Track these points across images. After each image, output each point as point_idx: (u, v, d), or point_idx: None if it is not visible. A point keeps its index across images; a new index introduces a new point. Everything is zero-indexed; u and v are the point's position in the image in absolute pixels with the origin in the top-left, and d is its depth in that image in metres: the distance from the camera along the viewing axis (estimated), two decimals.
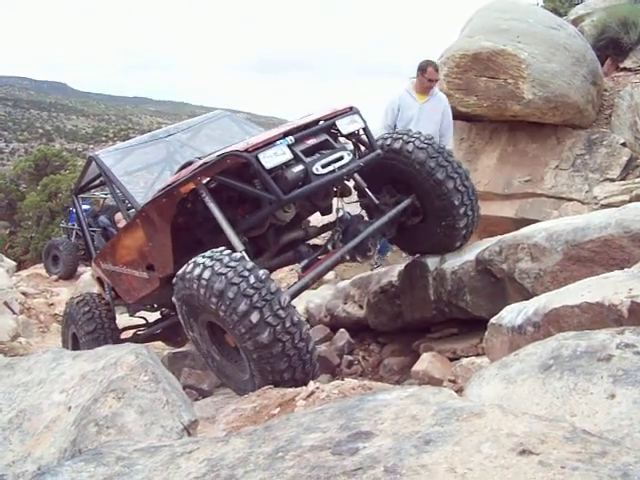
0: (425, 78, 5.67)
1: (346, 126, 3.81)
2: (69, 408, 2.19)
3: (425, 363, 3.81)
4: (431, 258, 4.33)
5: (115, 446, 1.62)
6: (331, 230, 4.20)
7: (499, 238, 3.90)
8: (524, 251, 3.57)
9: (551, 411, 1.53)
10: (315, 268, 3.68)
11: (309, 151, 3.54)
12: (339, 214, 4.08)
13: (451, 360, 3.93)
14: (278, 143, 3.41)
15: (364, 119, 3.92)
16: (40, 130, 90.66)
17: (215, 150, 4.00)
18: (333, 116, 3.80)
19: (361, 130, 3.91)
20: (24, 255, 19.75)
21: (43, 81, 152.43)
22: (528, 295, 3.25)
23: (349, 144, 3.98)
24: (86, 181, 5.62)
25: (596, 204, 6.00)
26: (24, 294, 10.17)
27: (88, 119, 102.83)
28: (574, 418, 1.47)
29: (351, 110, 3.89)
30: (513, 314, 2.54)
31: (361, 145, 3.99)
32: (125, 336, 5.37)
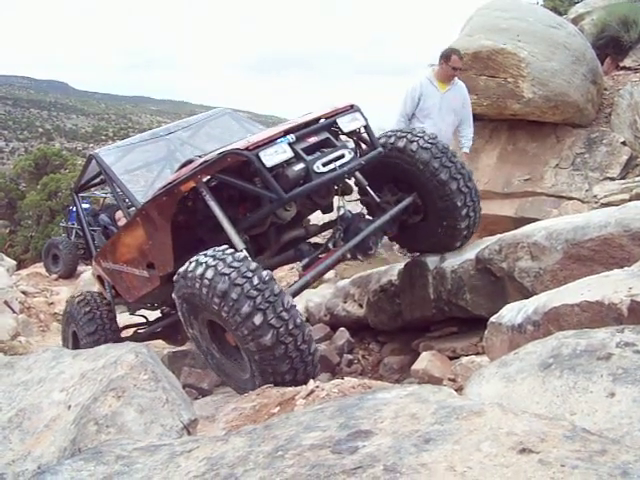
0: (449, 66, 5.48)
1: (347, 124, 3.79)
2: (69, 407, 2.19)
3: (425, 362, 3.81)
4: (431, 257, 4.32)
5: (115, 445, 1.62)
6: (332, 228, 4.19)
7: (499, 237, 3.90)
8: (524, 250, 3.57)
9: (551, 410, 1.53)
10: (316, 267, 3.67)
11: (310, 149, 3.53)
12: (340, 212, 4.07)
13: (451, 359, 3.93)
14: (279, 141, 3.39)
15: (365, 117, 3.91)
16: (40, 129, 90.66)
17: (216, 148, 3.99)
18: (334, 114, 3.78)
19: (362, 128, 3.89)
20: (24, 254, 19.77)
21: (43, 80, 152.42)
22: (528, 294, 3.25)
23: (350, 142, 3.97)
24: (86, 179, 5.60)
25: (596, 203, 6.00)
26: (24, 293, 10.17)
27: (88, 118, 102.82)
28: (574, 417, 1.47)
29: (352, 108, 3.87)
30: (513, 313, 2.54)
31: (362, 143, 3.98)
32: (125, 334, 5.37)
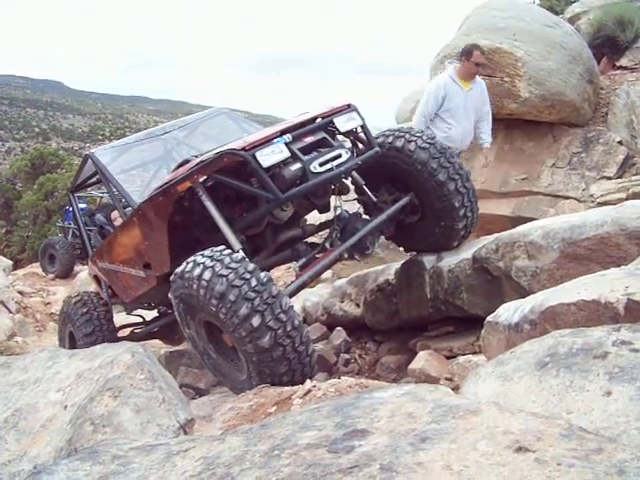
0: (472, 63, 5.28)
1: (344, 124, 3.79)
2: (65, 407, 2.18)
3: (422, 361, 3.81)
4: (428, 256, 4.32)
5: (111, 445, 1.62)
6: (329, 228, 4.19)
7: (496, 236, 3.90)
8: (521, 249, 3.58)
9: (547, 408, 1.53)
10: (313, 266, 3.66)
11: (307, 149, 3.52)
12: (337, 212, 4.07)
13: (448, 358, 3.93)
14: (275, 141, 3.39)
15: (362, 116, 3.90)
16: (36, 129, 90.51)
17: (212, 148, 3.99)
18: (331, 114, 3.77)
19: (359, 128, 3.89)
20: (20, 254, 19.73)
21: (39, 80, 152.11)
22: (525, 293, 3.26)
23: (347, 142, 3.96)
24: (82, 179, 5.59)
25: (592, 202, 6.01)
26: (20, 293, 10.14)
27: (84, 118, 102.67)
28: (570, 415, 1.47)
29: (349, 107, 3.87)
30: (510, 312, 2.54)
31: (359, 143, 3.97)
32: (122, 334, 5.36)
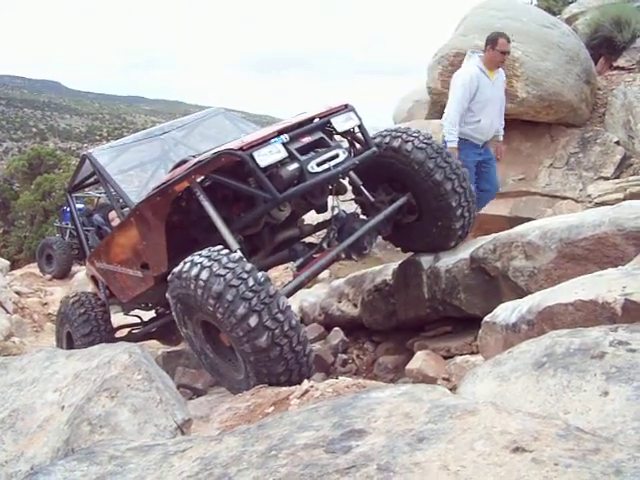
0: (497, 51, 5.13)
1: (341, 124, 3.79)
2: (62, 407, 2.18)
3: (419, 361, 3.81)
4: (425, 256, 4.32)
5: (108, 445, 1.61)
6: (326, 228, 4.19)
7: (493, 236, 3.91)
8: (518, 249, 3.58)
9: (544, 408, 1.53)
10: (310, 267, 3.66)
11: (304, 149, 3.52)
12: (334, 212, 4.07)
13: (445, 358, 3.93)
14: (273, 141, 3.39)
15: (359, 116, 3.90)
16: (34, 129, 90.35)
17: (209, 148, 3.98)
18: (328, 114, 3.77)
19: (356, 128, 3.89)
20: (18, 254, 19.71)
21: (37, 80, 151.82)
22: (522, 293, 3.26)
23: (344, 142, 3.96)
24: (80, 179, 5.58)
25: (590, 202, 6.02)
26: (18, 293, 10.12)
27: (82, 118, 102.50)
28: (567, 415, 1.47)
29: (346, 108, 3.87)
30: (507, 312, 2.55)
31: (356, 143, 3.97)
32: (120, 335, 5.35)
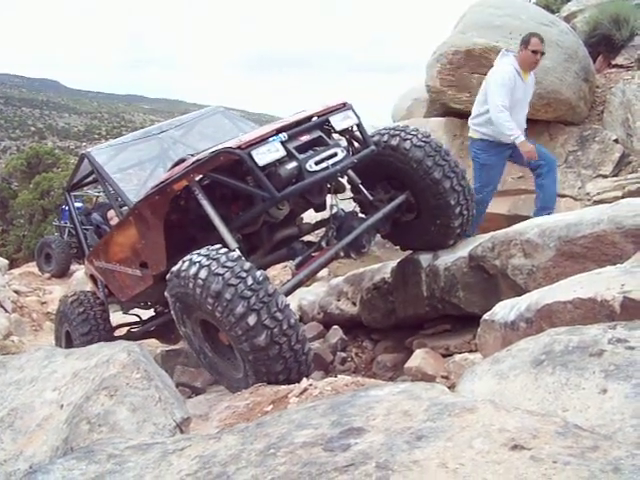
0: (529, 50, 5.08)
1: (339, 122, 3.78)
2: (61, 406, 2.18)
3: (418, 359, 3.81)
4: (424, 255, 4.32)
5: (107, 444, 1.61)
6: (325, 227, 4.19)
7: (492, 234, 3.90)
8: (517, 247, 3.58)
9: (543, 406, 1.53)
10: (309, 265, 3.66)
11: (302, 148, 3.52)
12: (333, 211, 4.07)
13: (444, 356, 3.93)
14: (271, 140, 3.38)
15: (358, 115, 3.90)
16: (32, 128, 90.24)
17: (208, 147, 3.98)
18: (326, 112, 3.76)
19: (355, 126, 3.88)
20: (16, 253, 19.70)
21: (35, 78, 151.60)
22: (521, 291, 3.26)
23: (343, 140, 3.96)
24: (78, 178, 5.58)
25: (589, 200, 6.01)
26: (16, 292, 10.13)
27: (80, 117, 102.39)
28: (566, 413, 1.47)
29: (344, 106, 3.86)
30: (506, 310, 2.55)
31: (355, 141, 3.97)
32: (119, 333, 5.35)
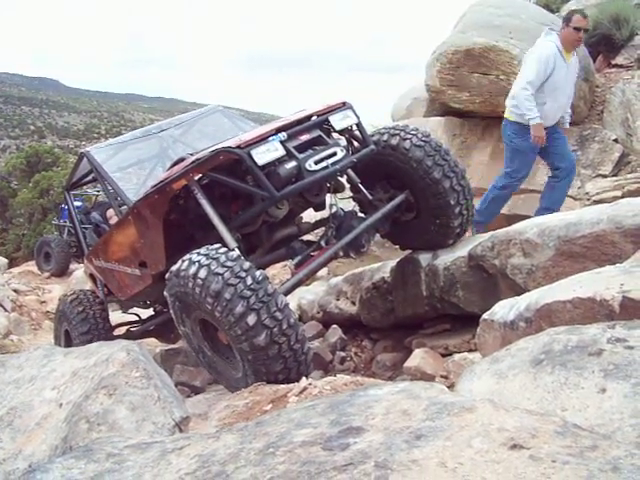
0: (571, 27, 4.84)
1: (339, 122, 3.78)
2: (60, 405, 2.18)
3: (417, 359, 3.81)
4: (423, 254, 4.32)
5: (106, 443, 1.61)
6: (324, 226, 4.19)
7: (491, 234, 3.90)
8: (516, 247, 3.58)
9: (542, 406, 1.53)
10: (308, 264, 3.66)
11: (302, 147, 3.51)
12: (332, 210, 4.06)
13: (443, 356, 3.93)
14: (271, 139, 3.38)
15: (357, 114, 3.89)
16: (32, 127, 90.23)
17: (207, 146, 3.98)
18: (326, 112, 3.76)
19: (354, 125, 3.88)
20: (16, 252, 19.68)
21: (35, 77, 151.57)
22: (520, 291, 3.26)
23: (342, 140, 3.96)
24: (78, 177, 5.59)
25: (588, 200, 6.01)
26: (16, 291, 10.12)
27: (80, 116, 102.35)
28: (565, 412, 1.47)
29: (344, 105, 3.85)
30: (505, 310, 2.55)
31: (354, 140, 3.97)
32: (118, 333, 5.35)
